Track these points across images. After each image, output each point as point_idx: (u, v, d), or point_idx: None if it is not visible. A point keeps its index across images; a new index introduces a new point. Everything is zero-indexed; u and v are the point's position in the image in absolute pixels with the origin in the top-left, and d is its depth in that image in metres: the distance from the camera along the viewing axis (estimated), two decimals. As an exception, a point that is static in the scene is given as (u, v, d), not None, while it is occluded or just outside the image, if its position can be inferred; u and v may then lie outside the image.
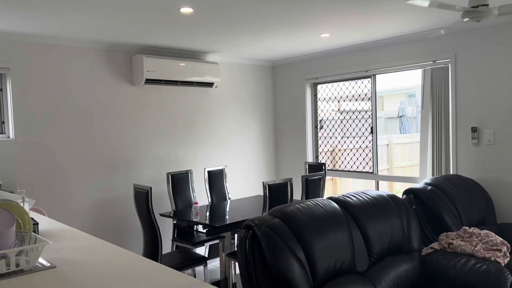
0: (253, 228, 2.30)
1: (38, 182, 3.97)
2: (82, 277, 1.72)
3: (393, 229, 2.82)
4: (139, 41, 4.30)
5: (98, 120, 4.35)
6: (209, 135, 5.28)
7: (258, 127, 5.83)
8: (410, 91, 9.59)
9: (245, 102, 5.66)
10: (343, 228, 2.53)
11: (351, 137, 5.27)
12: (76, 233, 2.49)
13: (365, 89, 5.04)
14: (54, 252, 2.08)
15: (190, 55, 5.05)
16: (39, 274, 1.77)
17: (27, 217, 2.08)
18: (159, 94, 4.81)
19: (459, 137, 4.14)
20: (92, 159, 4.31)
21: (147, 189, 3.38)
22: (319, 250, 2.34)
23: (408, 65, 4.48)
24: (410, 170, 8.36)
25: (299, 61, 5.63)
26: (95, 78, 4.33)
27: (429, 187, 3.45)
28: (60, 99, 4.11)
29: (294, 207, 2.49)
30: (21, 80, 3.87)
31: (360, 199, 2.84)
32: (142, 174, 4.67)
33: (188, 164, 5.07)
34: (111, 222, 4.44)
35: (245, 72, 5.66)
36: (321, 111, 5.61)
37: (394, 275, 2.65)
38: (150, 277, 1.70)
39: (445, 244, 3.00)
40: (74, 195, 4.19)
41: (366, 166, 5.10)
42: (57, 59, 4.08)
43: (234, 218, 3.73)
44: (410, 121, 9.44)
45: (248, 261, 2.24)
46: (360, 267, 2.57)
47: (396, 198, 3.03)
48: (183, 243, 4.04)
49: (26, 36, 3.85)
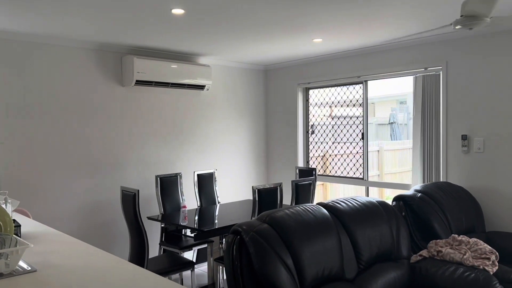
0: (241, 234, 2.26)
1: (23, 183, 3.89)
2: (63, 282, 1.67)
3: (382, 236, 2.80)
4: (130, 42, 4.25)
5: (86, 121, 4.29)
6: (199, 138, 5.23)
7: (249, 131, 5.80)
8: (402, 98, 9.65)
9: (236, 105, 5.63)
10: (332, 234, 2.51)
11: (342, 143, 5.27)
12: (60, 236, 2.43)
13: (356, 95, 5.04)
14: (36, 255, 2.03)
15: (182, 57, 5.01)
16: (18, 278, 1.71)
17: (9, 219, 2.02)
18: (150, 95, 4.76)
19: (449, 144, 4.15)
20: (80, 161, 4.25)
21: (134, 192, 3.32)
22: (308, 257, 2.31)
23: (400, 71, 4.49)
24: (400, 177, 8.38)
25: (291, 66, 5.62)
26: (84, 78, 4.27)
27: (419, 194, 3.44)
28: (47, 98, 4.04)
29: (283, 213, 2.46)
30: (7, 79, 3.80)
31: (350, 205, 2.81)
32: (130, 176, 4.60)
33: (177, 167, 5.02)
34: (98, 225, 4.37)
35: (237, 75, 5.63)
36: (313, 116, 5.60)
37: (382, 283, 2.63)
38: (133, 282, 1.65)
39: (434, 251, 2.99)
40: (60, 197, 4.11)
41: (357, 172, 5.09)
42: (45, 58, 4.02)
43: (223, 222, 3.69)
44: (401, 128, 9.49)
45: (235, 266, 2.20)
46: (348, 274, 2.54)
47: (385, 205, 3.01)
48: (170, 247, 3.98)
49: (13, 34, 3.78)
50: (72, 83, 4.19)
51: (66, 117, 4.16)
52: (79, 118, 4.24)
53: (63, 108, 4.14)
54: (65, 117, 4.15)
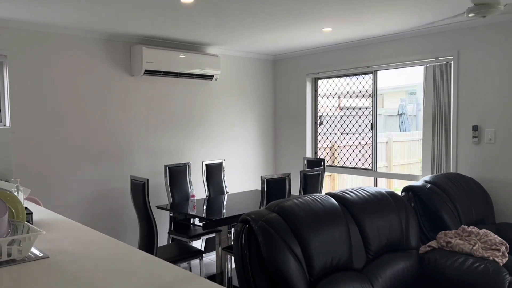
0: (250, 223, 2.26)
1: (34, 171, 3.94)
2: (74, 268, 1.69)
3: (391, 227, 2.79)
4: (138, 32, 4.25)
5: (96, 110, 4.31)
6: (207, 128, 5.24)
7: (257, 121, 5.79)
8: (411, 89, 9.56)
9: (245, 95, 5.62)
10: (341, 224, 2.50)
11: (351, 134, 5.24)
12: (71, 223, 2.46)
13: (366, 85, 5.00)
14: (48, 242, 2.05)
15: (190, 47, 5.00)
16: (31, 264, 1.73)
17: (21, 206, 2.04)
18: (158, 85, 4.76)
19: (459, 135, 4.11)
20: (89, 150, 4.28)
21: (143, 181, 3.34)
22: (316, 246, 2.32)
23: (410, 61, 4.44)
24: (409, 168, 8.34)
25: (300, 56, 5.58)
26: (94, 68, 4.28)
27: (429, 185, 3.42)
28: (57, 88, 4.06)
29: (291, 202, 2.46)
30: (18, 68, 3.82)
31: (359, 195, 2.81)
32: (139, 166, 4.63)
33: (186, 157, 5.03)
34: (107, 214, 4.41)
35: (245, 65, 5.61)
36: (321, 107, 5.57)
37: (391, 273, 2.63)
38: (144, 269, 1.67)
39: (443, 242, 2.97)
40: (71, 186, 4.15)
41: (365, 163, 5.07)
42: (55, 48, 4.03)
43: (232, 212, 3.71)
44: (410, 119, 9.41)
45: (244, 255, 2.21)
46: (357, 263, 2.54)
47: (394, 196, 3.00)
48: (179, 236, 4.01)
49: (24, 23, 3.80)
50: (82, 72, 4.20)
51: (76, 107, 4.18)
52: (88, 107, 4.26)
53: (73, 97, 4.16)
54: (75, 106, 4.18)
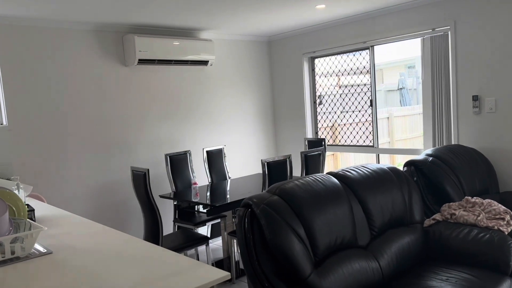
0: (252, 206, 2.26)
1: (35, 168, 3.94)
2: (78, 262, 1.69)
3: (394, 202, 2.79)
4: (129, 21, 4.19)
5: (92, 103, 4.28)
6: (206, 115, 5.21)
7: (255, 104, 5.75)
8: (410, 63, 9.46)
9: (241, 79, 5.57)
10: (343, 203, 2.50)
11: (351, 111, 5.20)
12: (73, 218, 2.46)
13: (363, 62, 4.94)
14: (51, 238, 2.06)
15: (183, 33, 4.93)
16: (35, 260, 1.74)
17: (21, 204, 2.04)
18: (153, 74, 4.72)
19: (460, 106, 4.07)
20: (88, 143, 4.27)
21: (144, 171, 3.34)
22: (319, 226, 2.31)
23: (407, 34, 4.37)
24: (411, 143, 8.31)
25: (295, 35, 5.51)
26: (87, 60, 4.24)
27: (430, 158, 3.40)
28: (51, 83, 4.03)
29: (293, 184, 2.45)
30: (9, 65, 3.79)
31: (360, 173, 2.79)
32: (139, 156, 4.63)
33: (186, 145, 5.02)
34: (111, 206, 4.43)
35: (240, 48, 5.54)
36: (319, 86, 5.52)
37: (396, 248, 2.63)
38: (148, 260, 1.67)
39: (448, 215, 2.97)
40: (71, 180, 4.16)
41: (367, 140, 5.04)
42: (46, 43, 3.98)
43: (235, 197, 3.71)
44: (410, 93, 9.35)
45: (248, 239, 2.22)
46: (361, 241, 2.54)
47: (396, 171, 2.98)
48: (184, 224, 4.03)
49: (11, 19, 3.75)
50: (75, 65, 4.16)
51: (72, 101, 4.15)
52: (85, 100, 4.23)
53: (68, 91, 4.13)
54: (71, 100, 4.15)
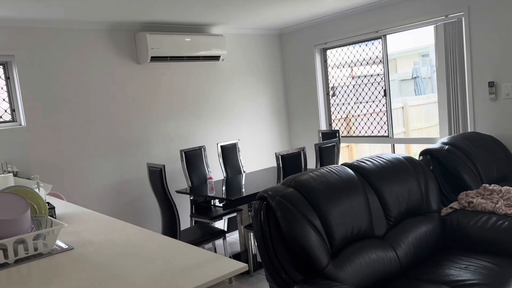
0: (267, 199, 2.27)
1: (52, 167, 4.02)
2: (99, 257, 1.73)
3: (411, 191, 2.77)
4: (141, 18, 4.22)
5: (107, 101, 4.34)
6: (219, 109, 5.23)
7: (268, 98, 5.75)
8: (423, 51, 9.33)
9: (253, 73, 5.58)
10: (359, 193, 2.49)
11: (364, 102, 5.16)
12: (93, 214, 2.51)
13: (376, 51, 4.89)
14: (72, 234, 2.11)
15: (195, 29, 4.95)
16: (57, 256, 1.79)
17: (42, 202, 2.09)
18: (166, 71, 4.76)
19: (476, 93, 4.00)
20: (104, 141, 4.33)
21: (160, 167, 3.38)
22: (335, 217, 2.32)
23: (419, 22, 4.31)
24: (427, 132, 8.22)
25: (306, 27, 5.48)
26: (101, 59, 4.29)
27: (446, 147, 3.36)
28: (67, 83, 4.10)
29: (307, 176, 2.45)
30: (26, 67, 3.86)
31: (375, 163, 2.78)
32: (154, 153, 4.68)
33: (200, 140, 5.06)
34: (128, 202, 4.50)
35: (251, 42, 5.54)
36: (332, 77, 5.49)
37: (413, 237, 2.62)
38: (166, 253, 1.70)
39: (465, 203, 2.94)
40: (89, 178, 4.23)
41: (381, 130, 5.01)
42: (60, 43, 4.05)
43: (250, 190, 3.73)
44: (425, 82, 9.22)
45: (264, 231, 2.23)
46: (378, 231, 2.54)
47: (412, 160, 2.96)
48: (201, 218, 4.07)
49: (27, 21, 3.81)
50: (90, 65, 4.22)
51: (87, 99, 4.22)
52: (100, 99, 4.29)
53: (84, 90, 4.19)
54: (86, 99, 4.21)
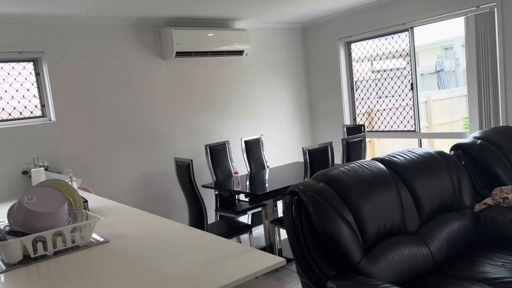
0: (298, 194, 2.25)
1: (80, 161, 4.08)
2: (136, 250, 1.74)
3: (443, 187, 2.71)
4: (166, 14, 4.23)
5: (133, 97, 4.38)
6: (242, 104, 5.22)
7: (291, 93, 5.71)
8: (447, 44, 9.13)
9: (276, 67, 5.54)
10: (391, 188, 2.45)
11: (386, 97, 5.08)
12: (124, 208, 2.54)
13: (402, 44, 4.80)
14: (106, 227, 2.13)
15: (218, 24, 4.94)
16: (94, 249, 1.80)
17: (77, 195, 2.12)
18: (190, 66, 4.76)
19: (508, 86, 3.89)
20: (130, 136, 4.37)
21: (188, 162, 3.39)
22: (368, 212, 2.28)
23: (449, 13, 4.20)
24: (451, 127, 8.05)
25: (330, 20, 5.41)
26: (127, 55, 4.32)
27: (479, 141, 3.27)
28: (95, 78, 4.14)
29: (338, 170, 2.42)
30: (55, 63, 3.92)
31: (407, 157, 2.73)
32: (179, 147, 4.70)
33: (224, 135, 5.06)
34: (155, 196, 4.53)
35: (274, 36, 5.50)
36: (357, 71, 5.41)
37: (446, 233, 2.57)
38: (200, 245, 1.70)
39: (499, 199, 2.86)
40: (116, 172, 4.28)
41: (408, 124, 4.92)
42: (88, 39, 4.09)
43: (275, 185, 3.71)
44: (448, 76, 9.03)
45: (296, 227, 2.21)
46: (410, 227, 2.49)
47: (444, 155, 2.89)
48: (226, 213, 4.08)
49: (56, 18, 3.86)
50: (116, 61, 4.26)
51: (114, 95, 4.26)
52: (126, 94, 4.33)
53: (111, 86, 4.24)
54: (113, 94, 4.26)
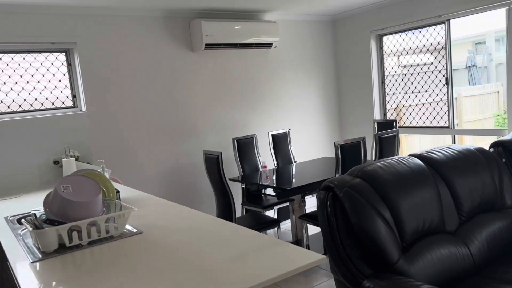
0: (334, 189, 2.18)
1: (109, 152, 4.10)
2: (170, 242, 1.71)
3: (484, 185, 2.59)
4: (196, 5, 4.19)
5: (163, 89, 4.37)
6: (270, 98, 5.16)
7: (320, 86, 5.61)
8: (478, 39, 8.84)
9: (305, 60, 5.45)
10: (430, 185, 2.35)
11: (412, 92, 4.92)
12: (155, 199, 2.52)
13: (437, 37, 4.63)
14: (139, 218, 2.11)
15: (248, 16, 4.88)
16: (128, 239, 1.78)
17: (110, 185, 2.11)
18: (219, 58, 4.73)
19: (551, 81, 3.70)
20: (159, 127, 4.37)
21: (217, 154, 3.36)
22: (406, 210, 2.19)
23: (489, 5, 4.02)
24: (481, 124, 7.80)
25: (362, 12, 5.27)
26: (157, 46, 4.31)
27: (520, 138, 3.12)
28: (124, 69, 4.15)
29: (375, 166, 2.34)
30: (87, 54, 3.94)
31: (446, 154, 2.62)
32: (207, 140, 4.68)
33: (251, 129, 5.01)
34: (183, 188, 4.53)
35: (304, 29, 5.41)
36: (388, 65, 5.27)
37: (486, 234, 2.45)
38: (233, 237, 1.66)
39: (543, 199, 2.71)
40: (145, 163, 4.29)
41: (441, 121, 4.76)
42: (118, 30, 4.09)
43: (304, 180, 3.64)
44: (480, 71, 8.75)
45: (331, 223, 2.15)
46: (449, 226, 2.39)
47: (484, 152, 2.76)
48: (253, 207, 4.04)
49: (87, 9, 3.88)
50: (146, 52, 4.25)
51: (144, 87, 4.26)
52: (156, 86, 4.33)
53: (140, 77, 4.24)
54: (143, 86, 4.26)
